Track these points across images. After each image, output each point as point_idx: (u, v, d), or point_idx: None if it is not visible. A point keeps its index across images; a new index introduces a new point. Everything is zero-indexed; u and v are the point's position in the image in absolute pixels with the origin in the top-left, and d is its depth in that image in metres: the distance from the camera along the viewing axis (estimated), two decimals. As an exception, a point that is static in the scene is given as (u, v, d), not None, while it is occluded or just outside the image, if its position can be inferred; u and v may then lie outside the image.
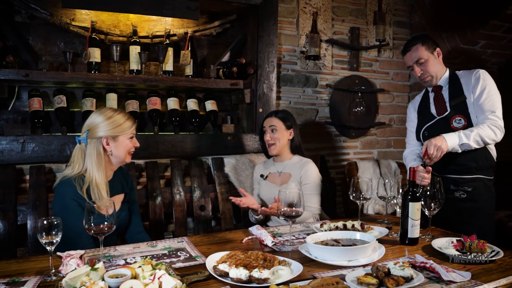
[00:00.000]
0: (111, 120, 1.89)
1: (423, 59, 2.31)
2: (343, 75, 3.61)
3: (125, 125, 1.92)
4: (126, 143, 1.93)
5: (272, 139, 2.48)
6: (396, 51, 3.84)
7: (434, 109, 2.39)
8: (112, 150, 1.91)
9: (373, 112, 3.77)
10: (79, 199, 1.82)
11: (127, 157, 1.97)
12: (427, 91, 2.48)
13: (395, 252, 1.71)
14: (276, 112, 2.55)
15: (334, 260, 1.55)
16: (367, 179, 2.14)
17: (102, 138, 1.88)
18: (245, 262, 1.52)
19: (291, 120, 2.52)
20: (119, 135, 1.91)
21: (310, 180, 2.41)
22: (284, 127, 2.48)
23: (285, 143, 2.50)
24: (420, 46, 2.31)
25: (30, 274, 1.49)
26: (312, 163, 2.48)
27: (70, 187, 1.82)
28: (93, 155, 1.86)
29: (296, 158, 2.52)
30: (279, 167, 2.54)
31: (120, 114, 1.93)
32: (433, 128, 2.34)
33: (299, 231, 2.09)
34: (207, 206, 2.79)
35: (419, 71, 2.35)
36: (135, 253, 1.72)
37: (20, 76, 2.43)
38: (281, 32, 3.32)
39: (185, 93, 3.09)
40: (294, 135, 2.51)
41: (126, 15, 2.91)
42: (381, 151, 3.87)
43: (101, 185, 1.85)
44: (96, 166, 1.86)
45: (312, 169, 2.44)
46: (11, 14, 2.66)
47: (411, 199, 1.77)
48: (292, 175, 2.46)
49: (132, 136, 1.96)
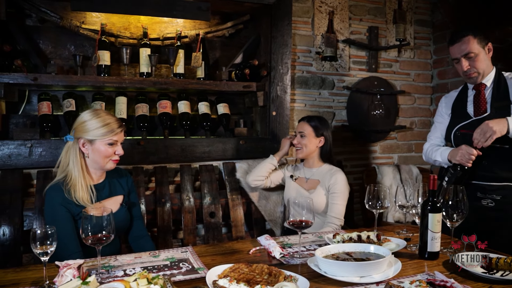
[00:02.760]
0: (89, 123, 1.83)
1: (473, 53, 2.11)
2: (361, 76, 3.47)
3: (100, 131, 1.82)
4: (104, 149, 1.85)
5: (299, 144, 2.50)
6: (418, 51, 3.67)
7: (471, 108, 2.21)
8: (89, 154, 1.86)
9: (393, 115, 3.60)
10: (68, 204, 1.77)
11: (107, 163, 1.88)
12: (466, 88, 2.30)
13: (412, 267, 1.58)
14: (310, 118, 2.55)
15: (345, 276, 1.43)
16: (385, 187, 2.01)
17: (79, 139, 1.84)
18: (248, 276, 1.42)
19: (323, 128, 2.51)
20: (96, 139, 1.83)
21: (338, 190, 2.38)
22: (313, 134, 2.49)
23: (313, 149, 2.50)
24: (472, 39, 2.10)
25: (25, 285, 1.43)
26: (342, 173, 2.45)
27: (58, 192, 1.78)
28: (73, 155, 1.83)
29: (326, 167, 2.50)
30: (307, 173, 2.54)
31: (98, 119, 1.83)
32: (467, 129, 2.16)
33: (311, 241, 1.97)
34: (218, 213, 2.70)
35: (466, 66, 2.15)
36: (135, 263, 1.64)
37: (28, 80, 2.41)
38: (296, 33, 3.21)
39: (197, 96, 3.02)
40: (324, 143, 2.50)
41: (137, 17, 2.87)
42: (402, 155, 3.70)
43: (79, 186, 1.79)
44: (76, 167, 1.82)
45: (342, 179, 2.42)
46: (22, 18, 2.66)
47: (431, 209, 1.64)
48: (321, 181, 2.45)
49: (112, 143, 1.86)
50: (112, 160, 1.89)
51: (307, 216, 1.68)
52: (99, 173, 1.94)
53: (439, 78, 3.70)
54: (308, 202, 1.69)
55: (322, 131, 2.50)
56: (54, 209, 1.77)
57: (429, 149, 2.35)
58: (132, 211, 2.03)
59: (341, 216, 2.36)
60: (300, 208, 1.70)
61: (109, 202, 1.92)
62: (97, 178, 1.93)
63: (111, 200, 1.94)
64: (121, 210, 1.96)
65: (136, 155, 2.63)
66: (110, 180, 1.97)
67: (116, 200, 1.96)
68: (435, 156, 2.30)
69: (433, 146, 2.33)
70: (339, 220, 2.35)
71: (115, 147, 1.87)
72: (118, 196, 1.98)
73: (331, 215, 2.36)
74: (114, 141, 1.86)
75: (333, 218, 2.35)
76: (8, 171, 2.36)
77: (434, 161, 2.34)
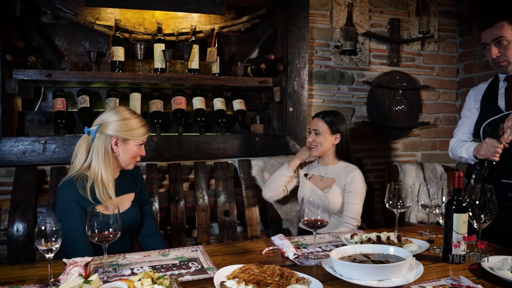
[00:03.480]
0: (126, 122, 1.80)
1: (505, 39, 1.98)
2: (382, 71, 3.34)
3: (138, 131, 1.83)
4: (134, 150, 1.85)
5: (314, 142, 2.35)
6: (442, 44, 3.51)
7: (502, 102, 2.06)
8: (120, 153, 1.83)
9: (416, 111, 3.46)
10: (82, 200, 1.73)
11: (131, 163, 1.88)
12: (497, 79, 2.16)
13: (436, 271, 1.47)
14: (324, 114, 2.38)
15: (362, 279, 1.33)
16: (406, 185, 1.90)
17: (112, 137, 1.80)
18: (258, 278, 1.35)
19: (339, 124, 2.35)
20: (130, 139, 1.82)
21: (355, 189, 2.25)
22: (329, 131, 2.33)
23: (329, 147, 2.35)
24: (506, 25, 1.98)
25: (31, 282, 1.40)
26: (358, 171, 2.31)
27: (72, 188, 1.74)
28: (100, 152, 1.78)
29: (342, 165, 2.36)
30: (322, 171, 2.40)
31: (138, 119, 1.85)
32: (497, 124, 2.01)
33: (327, 242, 1.88)
34: (232, 211, 2.64)
35: (496, 53, 2.02)
36: (144, 262, 1.59)
37: (43, 76, 2.41)
38: (313, 26, 3.11)
39: (212, 92, 2.96)
40: (340, 140, 2.35)
41: (151, 13, 2.84)
42: (425, 153, 3.54)
43: (108, 183, 1.77)
44: (103, 164, 1.77)
45: (359, 178, 2.28)
46: (37, 15, 2.66)
47: (455, 209, 1.52)
48: (336, 180, 2.32)
49: (142, 144, 1.88)
50: (135, 160, 1.89)
51: (322, 215, 1.59)
52: (117, 170, 1.91)
53: (465, 72, 3.53)
54: (323, 201, 1.60)
55: (338, 127, 2.34)
56: (67, 205, 1.74)
57: (454, 145, 2.22)
58: (143, 209, 1.99)
59: (357, 216, 2.25)
60: (315, 208, 1.62)
61: (121, 200, 1.88)
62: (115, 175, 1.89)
63: (123, 198, 1.90)
64: (133, 207, 1.92)
65: (150, 152, 2.59)
66: (123, 177, 1.94)
67: (128, 197, 1.93)
68: (460, 152, 2.16)
69: (459, 142, 2.20)
70: (355, 220, 2.24)
71: (141, 148, 1.88)
72: (130, 193, 1.94)
73: (347, 215, 2.25)
74: (143, 142, 1.88)
75: (349, 218, 2.23)
76: (23, 167, 2.36)
77: (460, 158, 2.21)
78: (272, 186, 2.46)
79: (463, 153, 2.14)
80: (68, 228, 1.68)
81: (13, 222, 2.19)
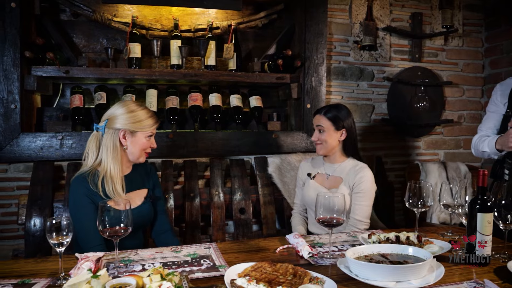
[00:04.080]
0: (132, 114, 1.79)
1: None
2: (403, 66, 3.24)
3: (146, 122, 1.82)
4: (143, 142, 1.83)
5: (319, 140, 2.20)
6: (467, 38, 3.37)
7: None
8: (128, 145, 1.82)
9: (439, 108, 3.34)
10: (93, 195, 1.73)
11: (142, 156, 1.87)
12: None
13: (458, 273, 1.39)
14: (326, 110, 2.20)
15: (378, 280, 1.27)
16: (427, 183, 1.82)
17: (120, 131, 1.79)
18: (270, 276, 1.31)
19: (343, 118, 2.17)
20: (138, 131, 1.81)
21: (363, 189, 2.10)
22: (333, 128, 2.16)
23: (335, 144, 2.18)
24: None
25: (43, 276, 1.40)
26: (368, 170, 2.15)
27: (83, 183, 1.74)
28: (109, 146, 1.77)
29: (350, 162, 2.20)
30: (328, 169, 2.24)
31: (144, 111, 1.83)
32: None
33: (344, 241, 1.82)
34: (248, 209, 2.60)
35: None
36: (156, 258, 1.58)
37: (61, 72, 2.43)
38: (332, 21, 3.04)
39: (229, 89, 2.93)
40: (346, 136, 2.18)
41: (168, 9, 2.83)
42: (449, 152, 3.42)
43: (116, 179, 1.76)
44: (111, 158, 1.76)
45: (368, 177, 2.12)
46: (56, 13, 2.69)
47: (480, 209, 1.44)
48: (344, 179, 2.16)
49: (151, 135, 1.86)
50: (146, 152, 1.88)
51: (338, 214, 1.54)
52: (129, 166, 1.91)
53: (491, 68, 3.39)
54: (339, 198, 1.55)
55: (342, 122, 2.16)
56: (78, 200, 1.75)
57: (477, 140, 2.12)
58: (156, 205, 1.98)
59: (366, 219, 2.11)
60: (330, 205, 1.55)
61: (133, 195, 1.87)
62: (125, 170, 1.89)
63: (135, 193, 1.89)
64: (146, 204, 1.91)
65: (165, 148, 2.59)
66: (135, 173, 1.92)
67: (140, 193, 1.91)
68: (482, 147, 2.07)
69: (482, 137, 2.10)
70: (363, 223, 2.10)
71: (151, 140, 1.87)
72: (142, 189, 1.93)
73: (354, 217, 2.10)
74: (152, 133, 1.86)
75: (356, 221, 2.09)
76: (40, 163, 2.39)
77: (483, 153, 2.11)
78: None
79: (485, 147, 2.05)
80: (79, 223, 1.69)
81: (30, 216, 2.21)
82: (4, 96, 2.34)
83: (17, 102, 2.35)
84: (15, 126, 2.35)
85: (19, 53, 2.34)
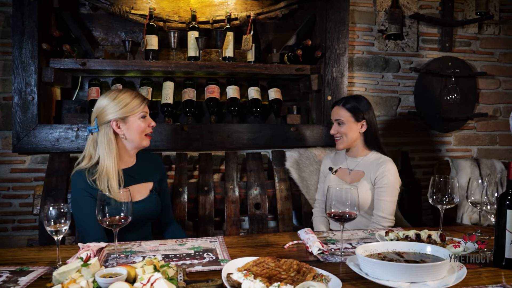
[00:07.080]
0: (116, 101, 1.74)
1: None
2: (431, 56, 3.05)
3: (132, 104, 1.76)
4: (138, 124, 1.77)
5: (338, 133, 2.11)
6: (504, 26, 3.13)
7: None
8: (125, 133, 1.77)
9: (472, 100, 3.12)
10: (91, 189, 1.69)
11: (144, 139, 1.81)
12: None
13: (484, 276, 1.26)
14: (344, 101, 2.13)
15: (391, 280, 1.16)
16: (453, 178, 1.68)
17: (111, 122, 1.74)
18: (272, 272, 1.22)
19: (363, 109, 2.09)
20: (129, 115, 1.76)
21: (386, 184, 1.99)
22: (353, 120, 2.08)
23: (356, 137, 2.10)
24: None
25: (42, 264, 1.39)
26: (391, 163, 2.04)
27: (81, 178, 1.71)
28: (103, 142, 1.73)
29: (373, 155, 2.10)
30: (350, 163, 2.16)
31: (126, 93, 1.78)
32: None
33: (359, 238, 1.71)
34: (264, 205, 2.51)
35: None
36: (158, 250, 1.53)
37: (77, 65, 2.44)
38: (354, 9, 2.90)
39: (247, 82, 2.86)
40: (367, 127, 2.09)
41: (186, 1, 2.79)
42: (482, 148, 3.19)
43: (111, 174, 1.70)
44: (106, 153, 1.72)
45: (391, 171, 2.01)
46: (76, 6, 2.71)
47: (509, 205, 1.29)
48: (366, 173, 2.07)
49: (145, 115, 1.80)
50: (147, 135, 1.83)
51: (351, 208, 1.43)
52: (131, 155, 1.85)
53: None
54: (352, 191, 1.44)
55: (362, 113, 2.08)
56: (78, 194, 1.73)
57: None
58: (162, 198, 1.93)
59: (390, 216, 1.99)
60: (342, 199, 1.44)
61: (138, 188, 1.83)
62: (128, 162, 1.84)
63: (140, 186, 1.85)
64: (151, 196, 1.86)
65: (180, 141, 2.55)
66: (141, 165, 1.88)
67: (145, 186, 1.87)
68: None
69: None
70: (387, 220, 1.98)
71: (147, 120, 1.81)
72: (148, 182, 1.88)
73: (378, 214, 1.99)
74: (145, 112, 1.80)
75: (379, 218, 1.98)
76: (56, 154, 2.40)
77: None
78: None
79: None
80: (80, 217, 1.68)
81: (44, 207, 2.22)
82: (22, 88, 2.37)
83: (34, 94, 2.38)
84: (32, 118, 2.38)
85: (37, 45, 2.36)
